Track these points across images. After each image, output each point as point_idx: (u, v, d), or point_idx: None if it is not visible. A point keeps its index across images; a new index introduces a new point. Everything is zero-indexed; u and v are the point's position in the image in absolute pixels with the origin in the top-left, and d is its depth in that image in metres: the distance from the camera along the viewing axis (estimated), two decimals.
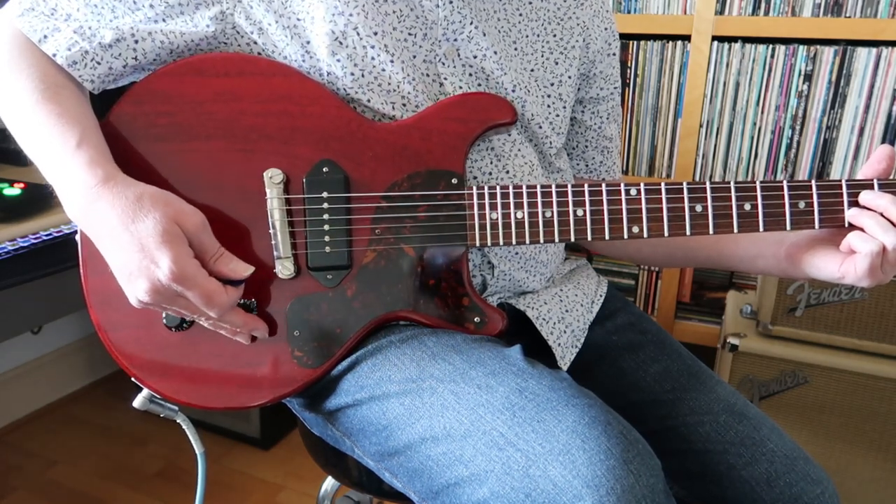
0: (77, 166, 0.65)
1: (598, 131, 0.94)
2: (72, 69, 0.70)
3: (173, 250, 0.61)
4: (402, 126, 0.73)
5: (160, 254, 0.61)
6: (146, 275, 0.61)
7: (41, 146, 0.67)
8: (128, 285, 0.64)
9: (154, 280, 0.61)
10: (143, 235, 0.61)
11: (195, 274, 0.63)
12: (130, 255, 0.62)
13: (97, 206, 0.63)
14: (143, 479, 1.70)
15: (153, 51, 0.72)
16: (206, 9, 0.72)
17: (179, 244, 0.62)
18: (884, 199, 0.69)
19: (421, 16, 0.75)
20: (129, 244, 0.62)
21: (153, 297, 0.62)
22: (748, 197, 0.71)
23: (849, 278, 0.71)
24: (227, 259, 0.66)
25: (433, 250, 0.72)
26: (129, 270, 0.62)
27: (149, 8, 0.71)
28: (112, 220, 0.62)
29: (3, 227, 1.04)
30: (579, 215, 0.72)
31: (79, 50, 0.70)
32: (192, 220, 0.64)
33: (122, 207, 0.62)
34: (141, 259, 0.61)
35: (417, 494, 0.69)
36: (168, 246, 0.61)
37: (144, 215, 0.62)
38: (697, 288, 1.80)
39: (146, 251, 0.61)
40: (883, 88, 1.51)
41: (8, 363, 1.89)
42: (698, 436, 0.79)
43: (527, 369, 0.66)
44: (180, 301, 0.64)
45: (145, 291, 0.62)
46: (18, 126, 0.69)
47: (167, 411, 0.79)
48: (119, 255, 0.63)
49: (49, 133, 0.66)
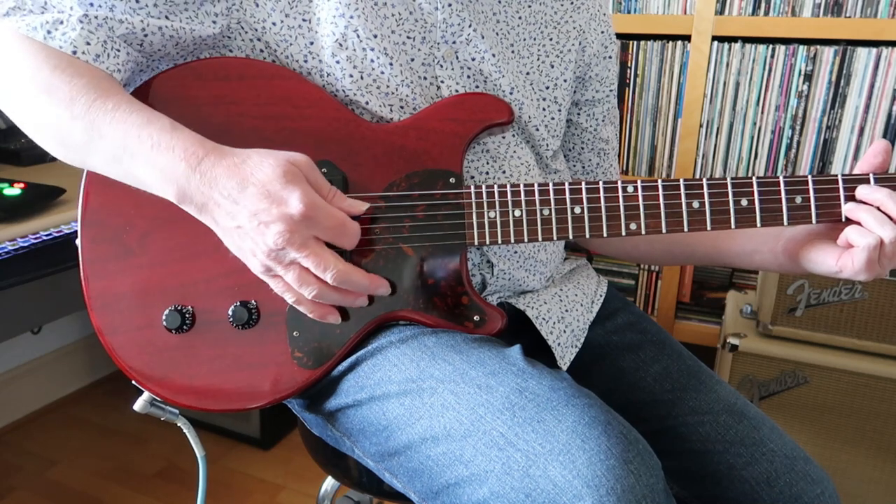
0: (182, 144, 0.63)
1: (593, 133, 0.94)
2: (98, 63, 0.68)
3: (299, 185, 0.61)
4: (399, 126, 0.74)
5: (287, 192, 0.60)
6: (278, 217, 0.60)
7: (119, 138, 0.64)
8: (258, 237, 0.61)
9: (287, 218, 0.60)
10: (266, 181, 0.61)
11: (325, 203, 0.63)
12: (257, 205, 0.60)
13: (213, 174, 0.62)
14: (143, 479, 1.70)
15: (160, 42, 0.71)
16: (212, 5, 0.72)
17: (302, 180, 0.62)
18: (880, 193, 0.69)
19: (420, 19, 0.75)
20: (254, 195, 0.60)
21: (287, 239, 0.60)
22: (745, 193, 0.71)
23: (846, 272, 0.71)
24: (341, 195, 0.67)
25: (432, 250, 0.72)
26: (259, 221, 0.60)
27: (152, 6, 0.70)
28: (230, 182, 0.61)
29: (3, 227, 1.04)
30: (577, 213, 0.72)
31: (98, 41, 0.67)
32: (303, 160, 0.64)
33: (237, 167, 0.62)
34: (269, 204, 0.60)
35: (417, 494, 0.69)
36: (293, 183, 0.61)
37: (259, 166, 0.61)
38: (697, 288, 1.80)
39: (272, 195, 0.60)
40: (883, 88, 1.51)
41: (8, 363, 1.89)
42: (698, 436, 0.79)
43: (527, 369, 0.66)
44: (310, 245, 0.62)
45: (279, 233, 0.60)
46: (67, 127, 0.65)
47: (168, 414, 0.79)
48: (243, 213, 0.61)
49: (135, 123, 0.64)
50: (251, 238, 0.62)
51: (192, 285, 0.72)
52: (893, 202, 0.68)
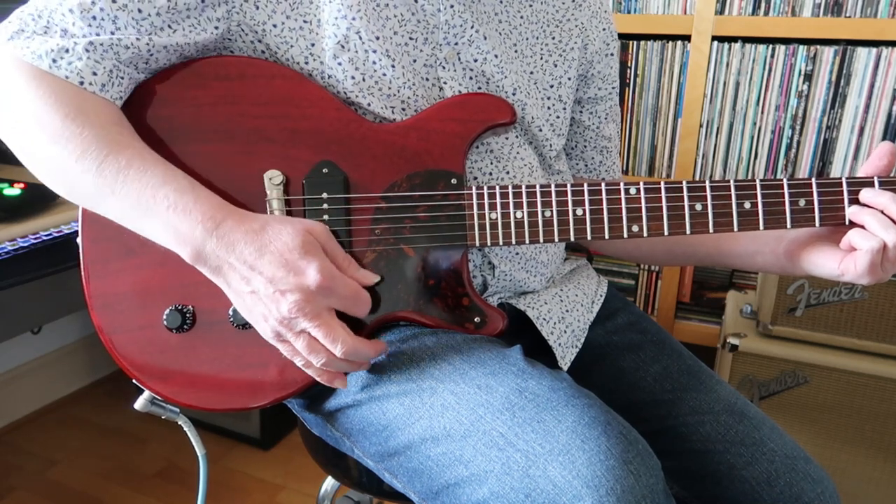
0: (200, 207, 0.63)
1: (596, 131, 0.94)
2: (104, 93, 0.67)
3: (317, 256, 0.62)
4: (401, 127, 0.74)
5: (305, 262, 0.61)
6: (294, 287, 0.61)
7: (133, 197, 0.63)
8: (272, 304, 0.61)
9: (303, 289, 0.61)
10: (284, 251, 0.61)
11: (341, 274, 0.64)
12: (274, 274, 0.61)
13: (231, 239, 0.62)
14: (143, 479, 1.70)
15: (167, 60, 0.71)
16: (213, 10, 0.71)
17: (319, 251, 0.63)
18: (884, 196, 0.69)
19: (422, 20, 0.75)
20: (271, 264, 0.61)
21: (301, 310, 0.61)
22: (748, 195, 0.71)
23: (848, 276, 0.71)
24: (355, 265, 0.68)
25: (433, 251, 0.72)
26: (275, 289, 0.61)
27: (155, 17, 0.69)
28: (248, 248, 0.62)
29: (3, 227, 1.04)
30: (579, 215, 0.72)
31: (104, 71, 0.67)
32: (321, 229, 0.65)
33: (255, 233, 0.62)
34: (286, 274, 0.61)
35: (417, 495, 0.69)
36: (311, 254, 0.62)
37: (278, 235, 0.62)
38: (697, 288, 1.80)
39: (290, 264, 0.61)
40: (883, 88, 1.51)
41: (8, 363, 1.89)
42: (699, 436, 0.79)
43: (527, 369, 0.67)
44: (322, 316, 0.62)
45: (295, 303, 0.60)
46: (77, 180, 0.65)
47: (168, 413, 0.79)
48: (259, 280, 0.61)
49: (149, 184, 0.63)
50: (264, 304, 0.62)
51: (192, 285, 0.71)
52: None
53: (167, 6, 0.69)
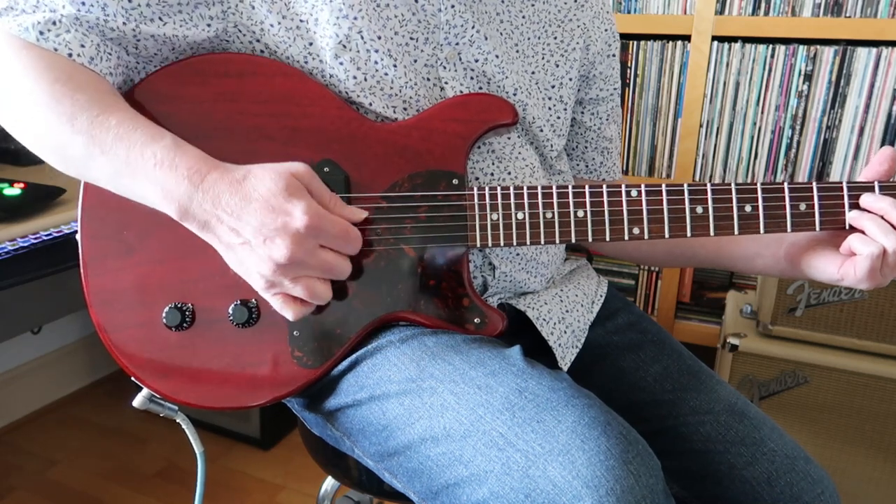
0: (185, 162, 0.63)
1: (597, 132, 0.94)
2: (92, 65, 0.68)
3: (303, 197, 0.62)
4: (402, 126, 0.73)
5: (291, 204, 0.61)
6: (283, 230, 0.60)
7: (122, 155, 0.64)
8: (263, 252, 0.61)
9: (292, 231, 0.60)
10: (269, 196, 0.61)
11: (327, 213, 0.63)
12: (262, 219, 0.61)
13: (216, 191, 0.62)
14: (143, 479, 1.70)
15: (155, 47, 0.71)
16: (207, 8, 0.71)
17: (304, 192, 0.62)
18: (884, 201, 0.69)
19: (423, 20, 0.75)
20: (257, 210, 0.61)
21: (294, 252, 0.61)
22: (749, 199, 0.71)
23: (848, 280, 0.71)
24: (342, 203, 0.67)
25: (433, 251, 0.72)
26: (264, 235, 0.61)
27: (145, 7, 0.69)
28: (234, 198, 0.61)
29: (3, 227, 1.04)
30: (580, 216, 0.72)
31: (92, 45, 0.67)
32: (304, 169, 0.64)
33: (238, 183, 0.62)
34: (274, 218, 0.60)
35: (417, 495, 0.69)
36: (296, 195, 0.61)
37: (261, 180, 0.62)
38: (697, 288, 1.80)
39: (276, 209, 0.61)
40: (883, 88, 1.51)
41: (8, 363, 1.89)
42: (699, 436, 0.79)
43: (526, 370, 0.66)
44: (317, 255, 0.63)
45: (286, 247, 0.60)
46: (68, 141, 0.65)
47: (167, 411, 0.79)
48: (247, 229, 0.61)
49: (138, 141, 0.63)
50: (256, 254, 0.62)
51: (192, 283, 0.71)
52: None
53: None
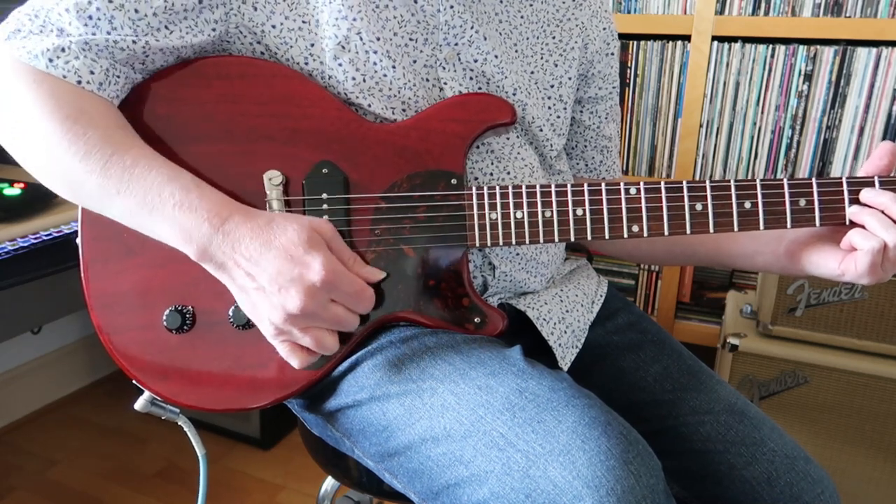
0: (206, 205, 0.63)
1: (596, 131, 0.94)
2: (101, 92, 0.67)
3: (322, 251, 0.62)
4: (401, 127, 0.73)
5: (310, 257, 0.61)
6: (299, 282, 0.60)
7: (139, 195, 0.63)
8: (277, 300, 0.61)
9: (307, 284, 0.60)
10: (289, 246, 0.61)
11: (345, 270, 0.64)
12: (280, 268, 0.61)
13: (237, 235, 0.62)
14: (143, 479, 1.70)
15: (163, 61, 0.71)
16: (211, 11, 0.71)
17: (324, 246, 0.63)
18: (885, 196, 0.69)
19: (422, 21, 0.75)
20: (276, 258, 0.61)
21: (306, 304, 0.61)
22: (748, 195, 0.71)
23: (849, 275, 0.71)
24: (361, 262, 0.68)
25: (433, 251, 0.72)
26: (279, 284, 0.61)
27: (152, 17, 0.68)
28: (254, 244, 0.62)
29: (3, 227, 1.04)
30: (579, 215, 0.72)
31: (101, 70, 0.67)
32: (327, 226, 0.65)
33: (261, 229, 0.62)
34: (291, 268, 0.61)
35: (417, 495, 0.69)
36: (316, 249, 0.62)
37: (283, 230, 0.62)
38: (697, 288, 1.80)
39: (295, 259, 0.61)
40: (883, 88, 1.51)
41: (8, 363, 1.89)
42: (699, 436, 0.79)
43: (527, 370, 0.66)
44: (329, 308, 0.63)
45: (300, 299, 0.60)
46: (81, 181, 0.64)
47: (168, 413, 0.79)
48: (263, 275, 0.61)
49: (155, 181, 0.63)
50: (270, 301, 0.62)
51: (192, 285, 0.71)
52: None
53: (164, 7, 0.68)
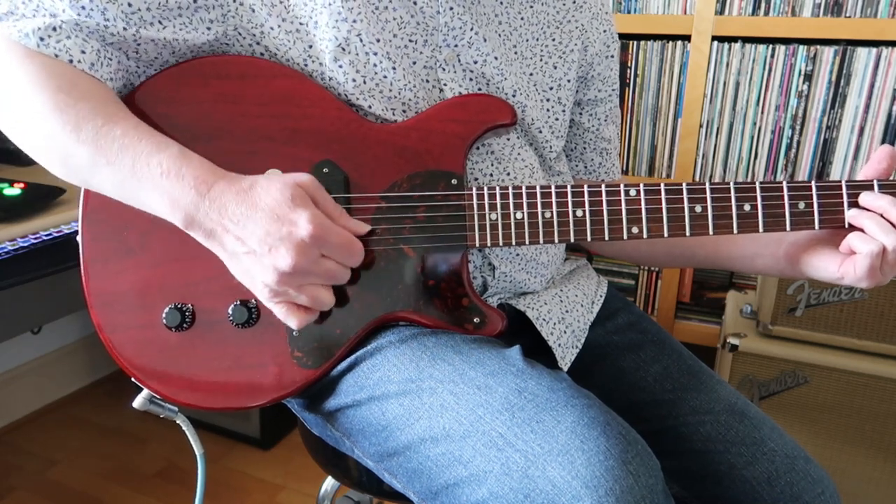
0: (192, 171, 0.63)
1: (596, 133, 0.94)
2: (93, 71, 0.68)
3: (308, 207, 0.62)
4: (402, 127, 0.74)
5: (296, 214, 0.61)
6: (288, 239, 0.60)
7: (127, 165, 0.64)
8: (268, 261, 0.61)
9: (297, 240, 0.60)
10: (274, 206, 0.61)
11: (332, 224, 0.63)
12: (268, 228, 0.61)
13: (222, 201, 0.62)
14: (143, 479, 1.70)
15: (155, 51, 0.71)
16: (206, 12, 0.71)
17: (309, 202, 0.63)
18: (884, 200, 0.69)
19: (422, 22, 0.75)
20: (263, 219, 0.61)
21: (298, 261, 0.61)
22: (748, 198, 0.71)
23: (848, 279, 0.71)
24: (346, 215, 0.68)
25: (433, 251, 0.72)
26: (269, 245, 0.61)
27: (145, 11, 0.69)
28: (240, 208, 0.62)
29: (3, 227, 1.04)
30: (579, 216, 0.72)
31: (92, 50, 0.67)
32: (309, 179, 0.64)
33: (245, 192, 0.62)
34: (279, 227, 0.61)
35: (417, 495, 0.69)
36: (301, 205, 0.61)
37: (267, 190, 0.62)
38: (697, 288, 1.80)
39: (282, 218, 0.61)
40: (883, 88, 1.51)
41: (8, 363, 1.89)
42: (699, 436, 0.79)
43: (526, 370, 0.66)
44: (321, 264, 0.63)
45: (291, 256, 0.60)
46: (72, 151, 0.65)
47: (167, 412, 0.79)
48: (252, 237, 0.61)
49: (143, 150, 0.64)
50: (261, 263, 0.62)
51: (192, 284, 0.72)
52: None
53: (158, 2, 0.69)
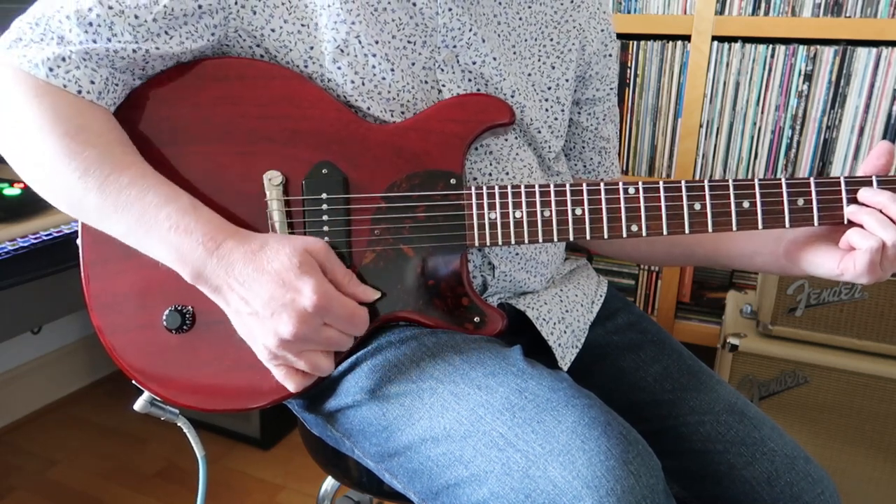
0: (202, 228, 0.63)
1: (594, 132, 0.94)
2: (100, 101, 0.68)
3: (314, 275, 0.62)
4: (400, 127, 0.74)
5: (302, 282, 0.61)
6: (291, 306, 0.61)
7: (135, 215, 0.64)
8: (270, 325, 0.62)
9: (300, 309, 0.61)
10: (281, 271, 0.61)
11: (337, 294, 0.64)
12: (272, 293, 0.61)
13: (230, 260, 0.63)
14: (143, 479, 1.70)
15: (162, 66, 0.72)
16: (210, 17, 0.71)
17: (317, 270, 0.63)
18: (882, 195, 0.69)
19: (420, 23, 0.75)
20: (269, 283, 0.61)
21: (299, 330, 0.61)
22: (747, 195, 0.71)
23: (848, 275, 0.71)
24: (356, 282, 0.68)
25: (432, 251, 0.72)
26: (272, 309, 0.61)
27: (152, 23, 0.68)
28: (247, 269, 0.62)
29: (3, 227, 1.04)
30: (578, 214, 0.72)
31: (101, 80, 0.67)
32: (320, 246, 0.65)
33: (254, 254, 0.63)
34: (284, 293, 0.61)
35: (417, 495, 0.69)
36: (308, 273, 0.62)
37: (276, 254, 0.62)
38: (697, 288, 1.80)
39: (287, 284, 0.61)
40: (883, 88, 1.51)
41: (8, 363, 1.89)
42: (699, 435, 0.79)
43: (526, 370, 0.66)
44: (322, 332, 0.63)
45: (292, 324, 0.61)
46: (79, 197, 0.65)
47: (168, 414, 0.79)
48: (256, 300, 0.62)
49: (152, 203, 0.64)
50: (263, 326, 0.62)
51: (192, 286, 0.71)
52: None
53: (164, 13, 0.68)
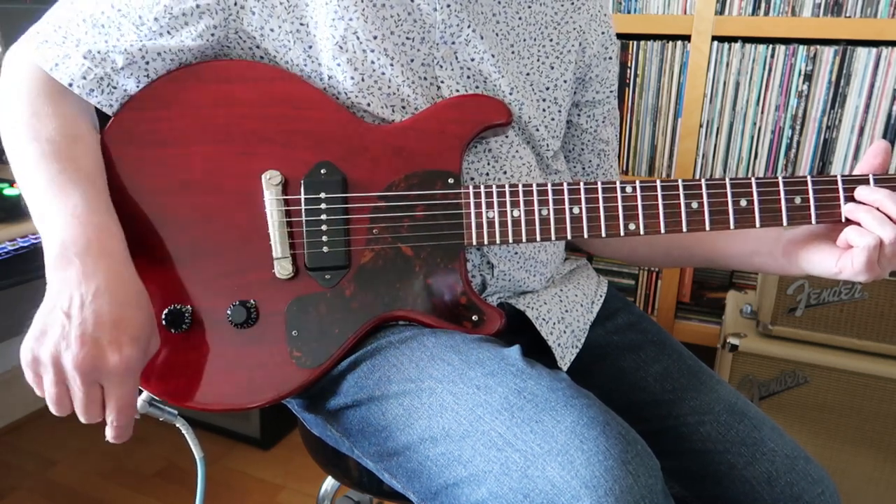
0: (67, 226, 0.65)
1: (593, 134, 0.94)
2: (90, 97, 0.71)
3: (140, 352, 0.63)
4: (399, 127, 0.74)
5: (129, 347, 0.62)
6: (98, 349, 0.61)
7: (39, 200, 0.69)
8: (65, 342, 0.62)
9: (99, 359, 0.61)
10: (95, 317, 0.62)
11: (135, 385, 0.65)
12: (101, 325, 0.62)
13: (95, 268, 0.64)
14: (143, 479, 1.70)
15: (164, 67, 0.73)
16: (210, 17, 0.72)
17: (146, 351, 0.65)
18: (879, 193, 0.69)
19: (419, 19, 0.75)
20: (104, 314, 0.62)
21: (81, 365, 0.61)
22: (744, 193, 0.71)
23: (846, 273, 0.71)
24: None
25: (431, 250, 0.72)
26: (84, 337, 0.61)
27: (153, 22, 0.71)
28: (108, 288, 0.63)
29: (3, 227, 1.04)
30: (575, 213, 0.72)
31: (94, 77, 0.71)
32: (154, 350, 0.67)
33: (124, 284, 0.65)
34: (108, 335, 0.61)
35: (416, 495, 0.69)
36: (139, 345, 0.63)
37: (139, 305, 0.65)
38: (697, 288, 1.80)
39: (120, 330, 0.62)
40: (883, 88, 1.51)
41: (8, 363, 1.89)
42: (699, 436, 0.79)
43: (525, 370, 0.66)
44: (87, 388, 0.63)
45: (80, 358, 0.61)
46: (21, 174, 0.71)
47: (166, 415, 0.79)
48: (88, 314, 0.62)
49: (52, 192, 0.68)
50: (62, 334, 0.62)
51: (191, 285, 0.72)
52: (893, 202, 0.68)
53: (164, 12, 0.71)
